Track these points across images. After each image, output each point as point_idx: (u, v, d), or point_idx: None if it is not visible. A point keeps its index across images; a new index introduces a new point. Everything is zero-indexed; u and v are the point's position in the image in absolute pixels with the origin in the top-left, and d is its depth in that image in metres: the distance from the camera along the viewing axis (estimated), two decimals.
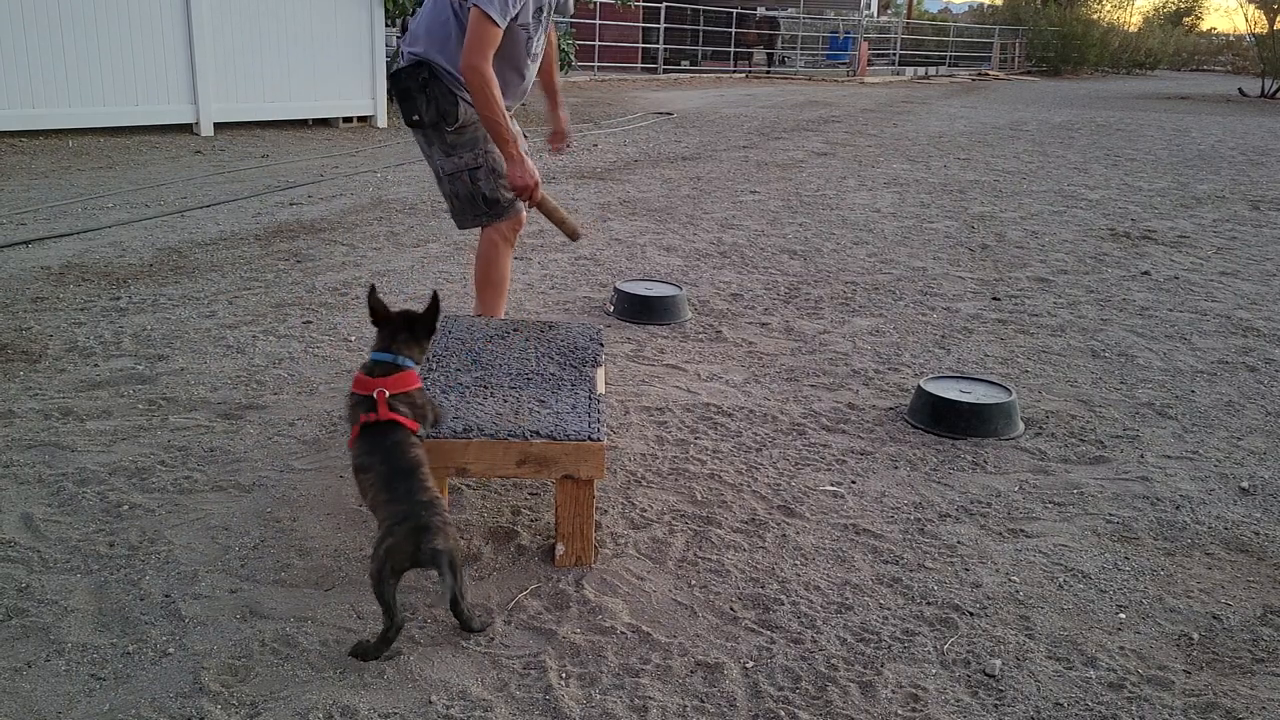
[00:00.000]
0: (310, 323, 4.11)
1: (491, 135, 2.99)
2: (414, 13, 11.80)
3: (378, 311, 2.25)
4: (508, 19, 2.86)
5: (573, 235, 3.26)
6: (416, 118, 3.01)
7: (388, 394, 2.08)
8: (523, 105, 3.39)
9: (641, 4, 21.57)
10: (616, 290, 4.50)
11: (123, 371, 3.49)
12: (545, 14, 3.07)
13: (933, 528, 2.64)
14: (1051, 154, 10.97)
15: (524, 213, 3.26)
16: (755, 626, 2.16)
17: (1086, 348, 4.23)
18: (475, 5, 2.81)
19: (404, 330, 2.23)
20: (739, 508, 2.70)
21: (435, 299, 2.28)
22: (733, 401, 3.48)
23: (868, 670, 2.02)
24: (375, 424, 2.06)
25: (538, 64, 3.22)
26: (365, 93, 11.02)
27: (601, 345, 2.93)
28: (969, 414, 3.24)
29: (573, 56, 13.29)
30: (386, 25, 11.55)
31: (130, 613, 2.11)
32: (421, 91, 2.97)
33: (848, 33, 29.93)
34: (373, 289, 2.33)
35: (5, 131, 8.43)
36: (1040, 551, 2.54)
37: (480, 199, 3.12)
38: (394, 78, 3.04)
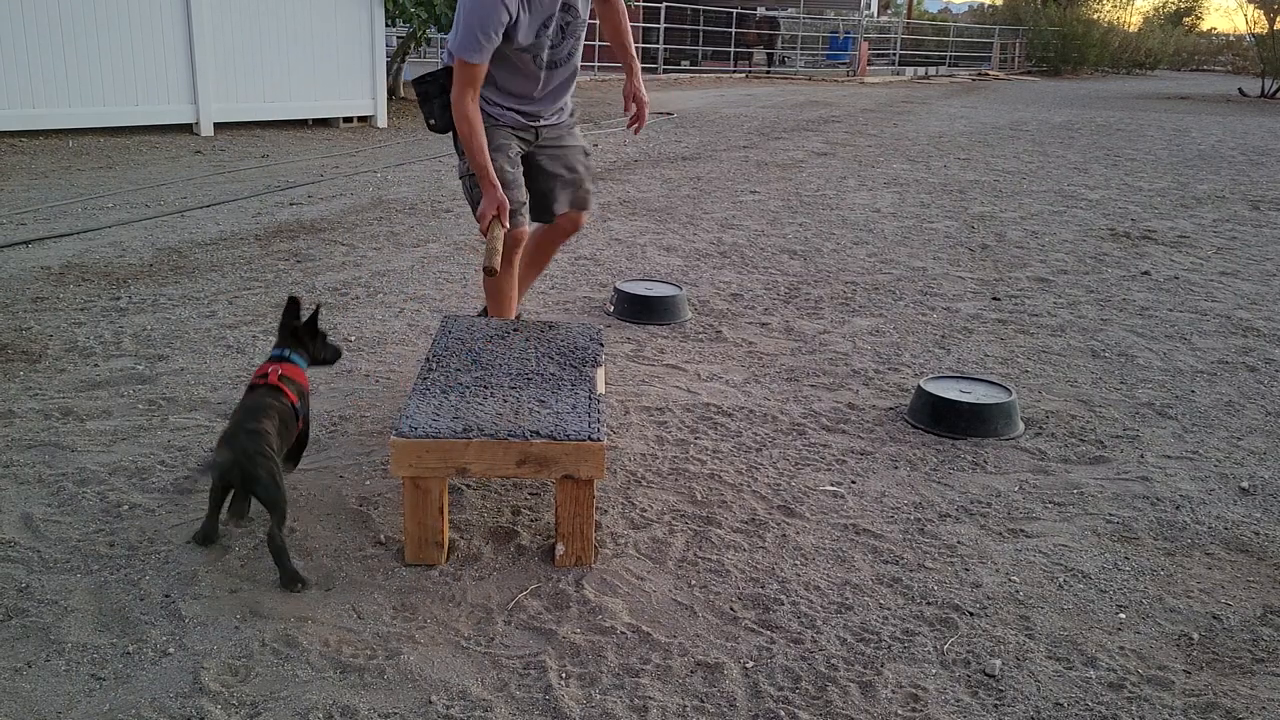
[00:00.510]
0: None
1: (471, 166, 3.02)
2: (414, 13, 11.87)
3: (284, 325, 2.62)
4: (488, 54, 2.90)
5: (488, 269, 2.99)
6: (432, 121, 3.07)
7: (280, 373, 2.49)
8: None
9: (641, 4, 21.57)
10: (616, 290, 4.50)
11: (123, 371, 3.50)
12: (554, 26, 3.03)
13: (933, 528, 2.64)
14: (1051, 154, 10.98)
15: (524, 228, 3.20)
16: (755, 626, 2.16)
17: (1086, 348, 4.23)
18: (451, 51, 2.90)
19: (292, 336, 2.62)
20: (739, 508, 2.70)
21: (298, 305, 2.63)
22: (733, 401, 3.48)
23: (868, 670, 2.02)
24: (263, 385, 2.45)
25: (567, 67, 3.23)
26: (365, 93, 11.02)
27: (601, 345, 2.93)
28: (969, 414, 3.24)
29: None
30: (386, 25, 11.55)
31: (130, 613, 2.11)
32: (440, 96, 3.01)
33: (848, 33, 29.93)
34: (292, 303, 2.62)
35: (5, 131, 8.43)
36: (1040, 551, 2.54)
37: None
38: (419, 80, 3.08)
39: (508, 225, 3.05)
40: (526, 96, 3.16)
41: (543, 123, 3.27)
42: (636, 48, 3.58)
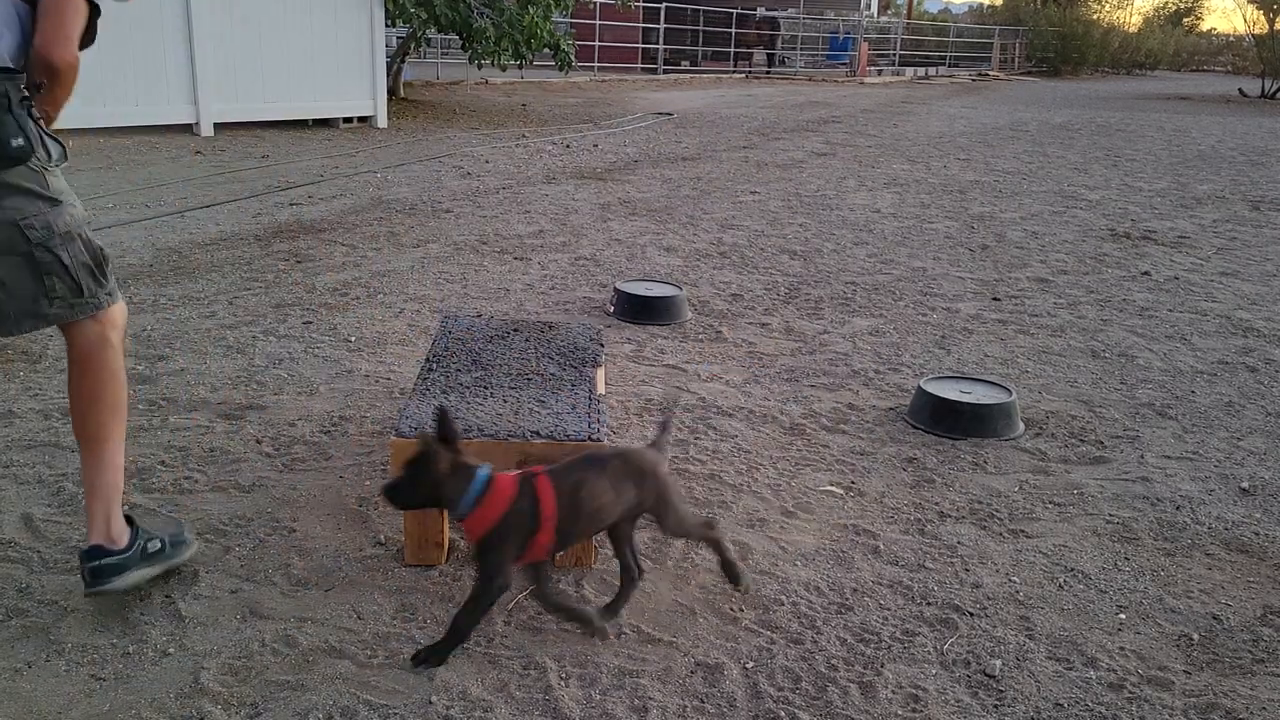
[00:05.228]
0: (310, 323, 4.12)
1: (58, 108, 2.04)
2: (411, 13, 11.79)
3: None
4: None
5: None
6: (21, 143, 1.88)
7: None
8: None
9: (641, 4, 21.57)
10: (616, 290, 4.50)
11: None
12: None
13: (933, 528, 2.64)
14: (1051, 154, 10.97)
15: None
16: (755, 627, 2.16)
17: (1086, 348, 4.23)
18: None
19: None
20: (739, 508, 2.70)
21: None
22: (733, 402, 3.47)
23: (868, 670, 2.02)
24: None
25: None
26: (365, 93, 11.02)
27: (601, 345, 2.93)
28: (969, 414, 3.24)
29: (573, 56, 13.28)
30: (386, 25, 11.55)
31: (130, 613, 2.11)
32: (23, 107, 1.90)
33: (848, 33, 29.93)
34: None
35: None
36: (1040, 552, 2.54)
37: (106, 262, 2.10)
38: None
39: None
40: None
41: None
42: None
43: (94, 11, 1.98)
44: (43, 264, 1.96)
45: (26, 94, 1.89)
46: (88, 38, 2.00)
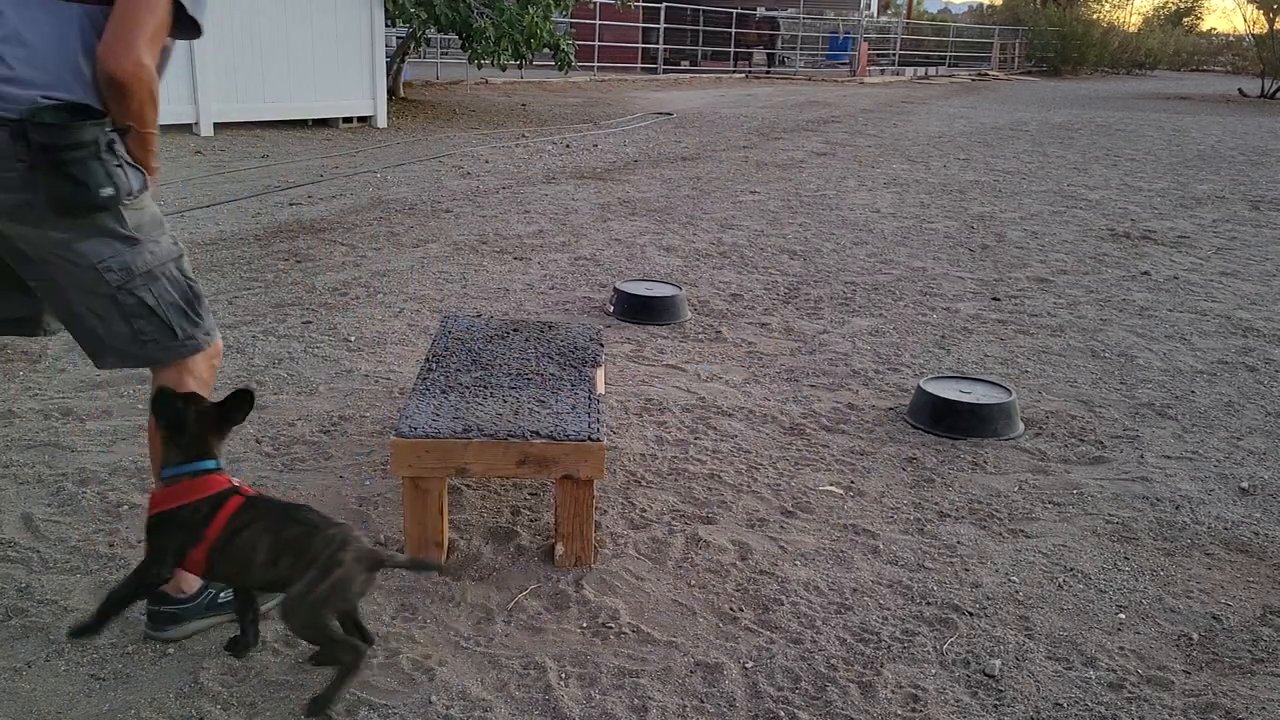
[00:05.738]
0: (310, 323, 4.12)
1: (149, 152, 1.94)
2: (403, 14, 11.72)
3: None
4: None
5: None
6: (110, 193, 1.79)
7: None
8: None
9: (641, 4, 21.56)
10: (616, 290, 4.51)
11: (123, 371, 3.49)
12: None
13: (932, 528, 2.64)
14: (1051, 154, 10.98)
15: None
16: (755, 626, 2.16)
17: (1086, 348, 4.23)
18: None
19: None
20: (739, 508, 2.71)
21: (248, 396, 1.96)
22: (733, 402, 3.48)
23: (867, 670, 2.03)
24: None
25: None
26: (365, 93, 11.02)
27: (601, 345, 2.93)
28: (969, 414, 3.24)
29: (573, 57, 13.28)
30: (386, 25, 11.55)
31: (130, 612, 2.10)
32: (110, 150, 1.79)
33: (847, 33, 29.93)
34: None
35: None
36: (1040, 552, 2.54)
37: (199, 300, 2.01)
38: (40, 126, 1.72)
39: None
40: None
41: None
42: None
43: (180, 9, 1.82)
44: (126, 307, 1.87)
45: (113, 136, 1.79)
46: (186, 30, 1.86)
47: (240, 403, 1.92)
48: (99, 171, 1.76)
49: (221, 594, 2.09)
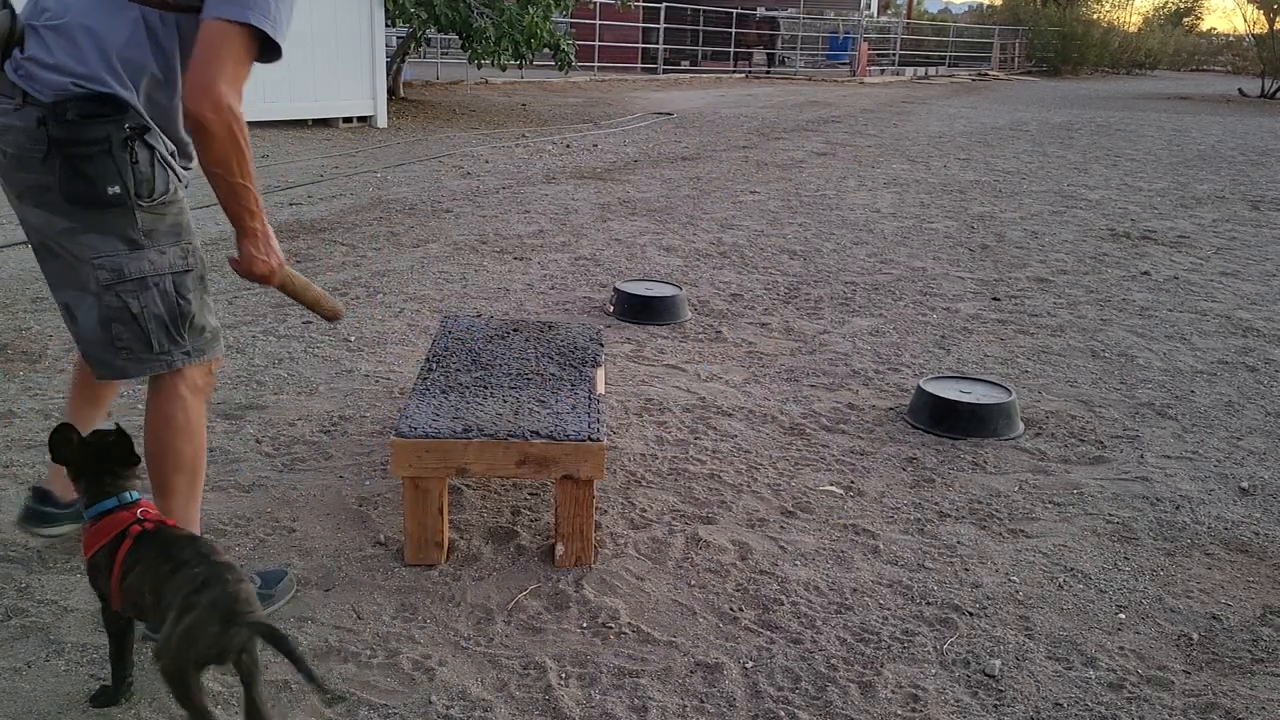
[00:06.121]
0: (310, 323, 4.11)
1: (240, 208, 1.90)
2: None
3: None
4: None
5: (332, 316, 2.25)
6: (117, 190, 1.79)
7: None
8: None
9: (641, 4, 21.57)
10: (616, 290, 4.51)
11: None
12: None
13: (932, 528, 2.64)
14: (1051, 154, 10.98)
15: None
16: (755, 626, 2.16)
17: (1086, 348, 4.23)
18: (229, 18, 1.76)
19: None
20: (739, 508, 2.71)
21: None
22: (733, 402, 3.48)
23: (867, 670, 2.03)
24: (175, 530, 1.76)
25: None
26: (365, 93, 11.02)
27: (601, 345, 2.93)
28: (969, 414, 3.24)
29: (573, 57, 13.28)
30: (386, 25, 11.55)
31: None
32: (125, 148, 1.80)
33: (848, 33, 29.93)
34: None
35: None
36: (1040, 552, 2.54)
37: (187, 322, 1.97)
38: (60, 120, 1.75)
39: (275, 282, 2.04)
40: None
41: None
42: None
43: (267, 42, 1.80)
44: (108, 309, 1.86)
45: (130, 131, 1.79)
46: (270, 54, 1.83)
47: (123, 443, 1.78)
48: (108, 168, 1.77)
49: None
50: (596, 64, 21.64)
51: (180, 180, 1.93)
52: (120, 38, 1.78)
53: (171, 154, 1.89)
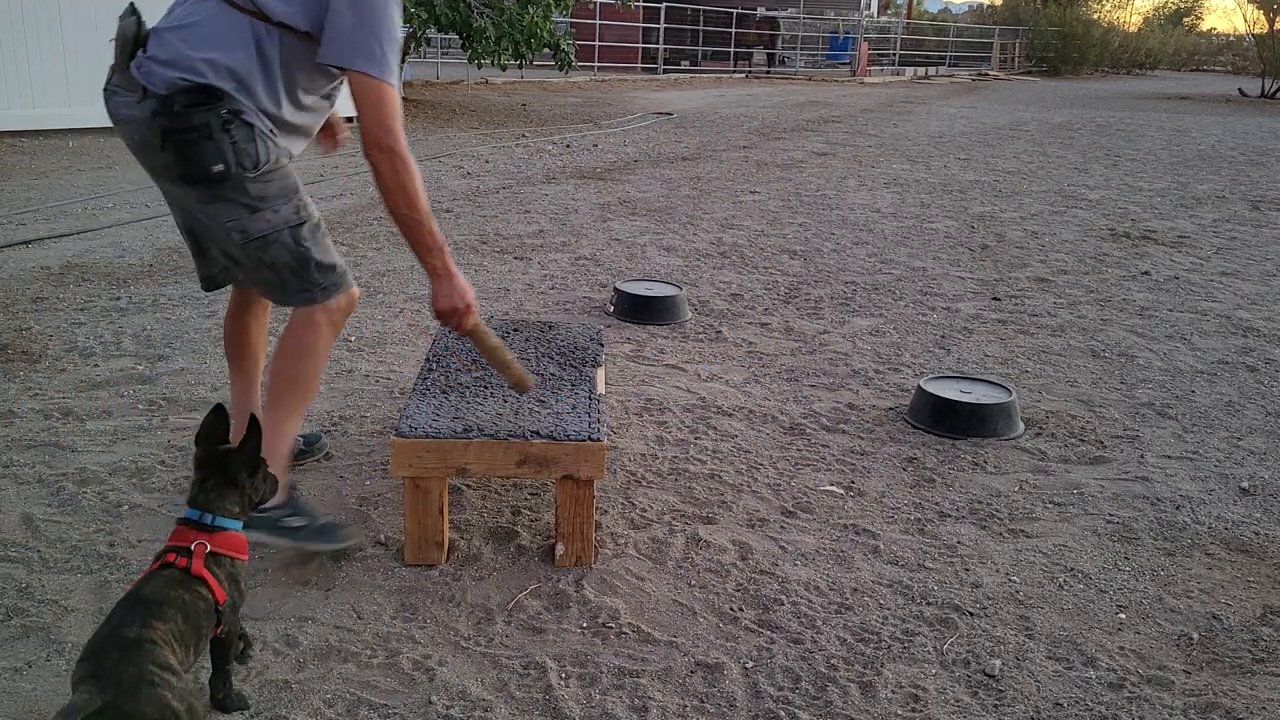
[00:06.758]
0: None
1: (416, 242, 2.15)
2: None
3: (208, 458, 1.77)
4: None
5: (519, 387, 2.38)
6: (221, 168, 2.05)
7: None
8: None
9: (641, 4, 21.56)
10: (616, 290, 4.50)
11: (123, 372, 3.50)
12: None
13: (932, 528, 2.64)
14: (1051, 154, 10.98)
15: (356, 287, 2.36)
16: (755, 626, 2.16)
17: (1086, 348, 4.23)
18: (367, 72, 2.05)
19: (224, 477, 1.75)
20: (739, 508, 2.71)
21: (226, 419, 1.79)
22: (733, 402, 3.48)
23: (868, 670, 2.03)
24: (170, 569, 1.63)
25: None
26: None
27: (602, 345, 2.93)
28: (969, 414, 3.24)
29: (573, 56, 13.27)
30: None
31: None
32: (224, 131, 2.04)
33: (848, 33, 29.93)
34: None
35: (5, 131, 8.43)
36: (1040, 552, 2.54)
37: (312, 265, 2.21)
38: (169, 112, 2.02)
39: (466, 328, 2.27)
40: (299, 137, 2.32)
41: None
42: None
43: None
44: (253, 261, 2.19)
45: (227, 114, 2.04)
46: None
47: (239, 464, 1.74)
48: (210, 150, 2.04)
49: (290, 519, 2.29)
50: (596, 64, 21.64)
51: (282, 150, 2.17)
52: (227, 41, 2.06)
53: (270, 130, 2.14)
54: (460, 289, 2.18)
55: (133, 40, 2.10)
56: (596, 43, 21.58)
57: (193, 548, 1.65)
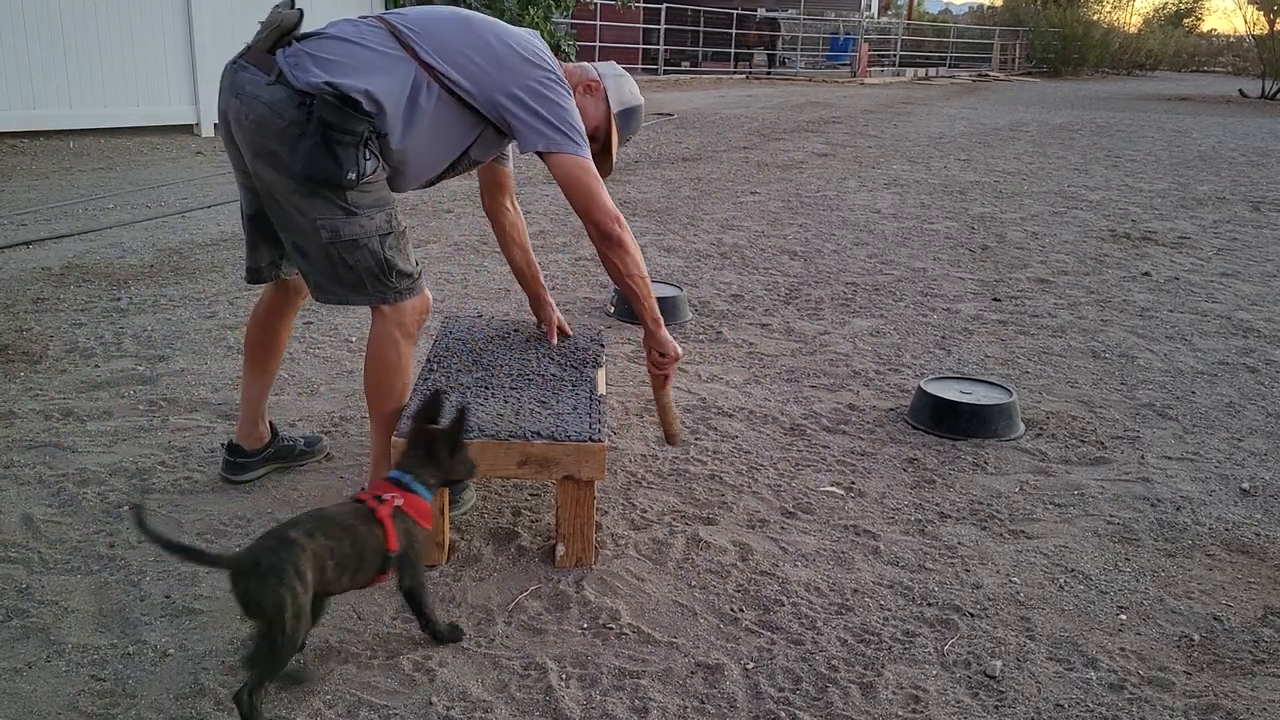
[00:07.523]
0: (310, 323, 4.11)
1: (637, 304, 2.52)
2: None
3: (419, 433, 2.05)
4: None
5: (672, 440, 2.68)
6: (353, 176, 2.14)
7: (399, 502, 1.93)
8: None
9: (641, 4, 21.56)
10: (617, 291, 4.50)
11: (123, 372, 3.49)
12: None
13: (933, 529, 2.64)
14: (1052, 155, 10.98)
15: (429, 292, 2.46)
16: (755, 627, 2.16)
17: (1087, 349, 4.23)
18: (562, 149, 2.25)
19: (426, 451, 2.03)
20: (739, 508, 2.70)
21: (440, 402, 2.08)
22: (733, 402, 3.47)
23: (868, 671, 2.02)
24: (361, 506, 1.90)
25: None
26: None
27: (602, 346, 2.93)
28: (969, 415, 3.24)
29: (573, 57, 13.29)
30: None
31: (130, 613, 2.11)
32: (366, 144, 2.16)
33: (848, 34, 29.93)
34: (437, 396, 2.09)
35: (6, 132, 8.43)
36: (1041, 552, 2.54)
37: (393, 272, 2.30)
38: (326, 105, 2.10)
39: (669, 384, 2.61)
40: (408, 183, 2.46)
41: None
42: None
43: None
44: (330, 259, 2.25)
45: (370, 132, 2.14)
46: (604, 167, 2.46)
47: (442, 443, 2.03)
48: (353, 157, 2.12)
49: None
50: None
51: (381, 165, 2.25)
52: (386, 76, 2.16)
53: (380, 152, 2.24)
54: (659, 339, 2.58)
55: (287, 30, 2.18)
56: (597, 43, 21.57)
57: (386, 497, 1.90)
